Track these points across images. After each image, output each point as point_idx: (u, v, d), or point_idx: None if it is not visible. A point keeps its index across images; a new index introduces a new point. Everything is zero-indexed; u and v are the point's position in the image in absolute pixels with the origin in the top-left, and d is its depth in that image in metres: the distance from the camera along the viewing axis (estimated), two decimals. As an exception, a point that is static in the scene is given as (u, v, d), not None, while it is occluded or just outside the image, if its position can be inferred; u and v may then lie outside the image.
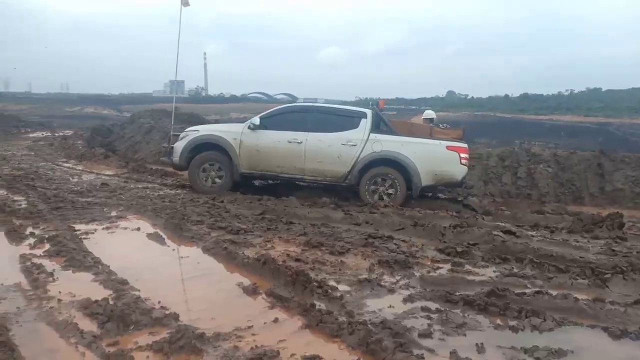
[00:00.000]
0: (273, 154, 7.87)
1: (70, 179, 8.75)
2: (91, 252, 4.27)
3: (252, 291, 3.55)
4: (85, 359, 2.54)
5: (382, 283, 3.80)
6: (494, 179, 10.24)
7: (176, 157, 8.18)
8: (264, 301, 3.41)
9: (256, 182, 8.89)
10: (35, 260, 3.99)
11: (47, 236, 4.68)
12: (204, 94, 74.10)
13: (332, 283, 3.75)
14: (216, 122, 24.89)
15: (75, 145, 14.86)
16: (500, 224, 6.12)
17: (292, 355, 2.64)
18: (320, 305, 3.25)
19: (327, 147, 7.76)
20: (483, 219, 6.42)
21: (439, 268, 4.29)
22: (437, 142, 7.90)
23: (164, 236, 5.01)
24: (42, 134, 20.08)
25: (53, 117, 34.53)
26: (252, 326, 2.98)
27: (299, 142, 7.77)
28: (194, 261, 4.35)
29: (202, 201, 6.90)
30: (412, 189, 7.59)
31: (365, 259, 4.43)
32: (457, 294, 3.53)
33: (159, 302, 3.26)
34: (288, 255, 4.44)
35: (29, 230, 4.92)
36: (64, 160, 12.32)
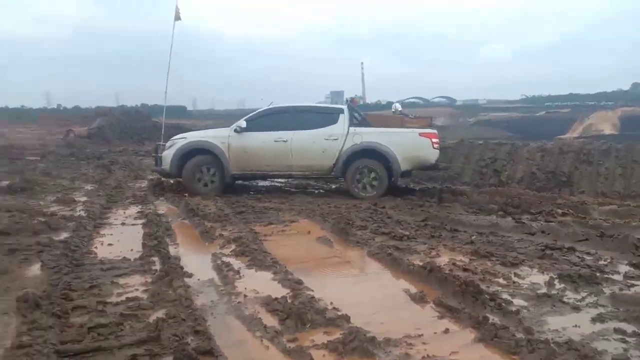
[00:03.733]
0: (261, 154, 8.33)
1: (249, 185, 9.69)
2: (269, 253, 4.66)
3: (419, 299, 3.52)
4: (269, 352, 2.77)
5: (565, 299, 3.47)
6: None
7: (166, 165, 8.47)
8: (432, 310, 3.35)
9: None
10: (224, 259, 4.48)
11: (230, 236, 5.23)
12: (361, 102, 75.85)
13: (505, 296, 3.53)
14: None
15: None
16: None
17: (467, 369, 2.55)
18: (494, 319, 3.08)
19: (311, 143, 8.30)
20: (690, 230, 5.46)
21: (633, 285, 3.76)
22: (410, 130, 8.68)
23: (331, 240, 5.24)
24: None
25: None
26: (422, 334, 2.95)
27: (284, 141, 8.27)
28: (360, 265, 4.47)
29: (364, 207, 7.07)
30: (393, 175, 8.31)
31: (542, 272, 4.09)
32: (660, 317, 3.06)
33: (331, 303, 3.41)
34: (454, 264, 4.31)
35: (219, 232, 5.54)
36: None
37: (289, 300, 3.39)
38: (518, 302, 3.45)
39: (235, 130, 8.36)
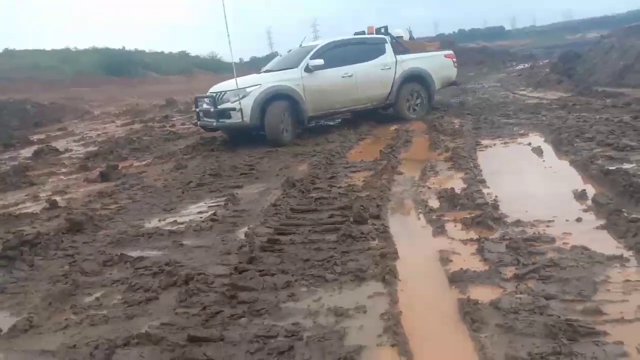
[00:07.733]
0: (333, 92, 8.29)
1: (510, 105, 9.87)
2: (475, 159, 5.37)
3: (579, 196, 3.79)
4: (418, 221, 3.75)
5: None
6: None
7: (246, 117, 7.53)
8: (583, 205, 3.62)
9: None
10: (433, 163, 5.45)
11: (452, 146, 6.07)
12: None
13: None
14: None
15: (539, 74, 15.69)
16: None
17: (565, 243, 2.97)
18: (634, 215, 3.22)
19: (372, 75, 8.73)
20: None
21: None
22: (438, 53, 9.85)
23: (544, 150, 5.48)
24: (524, 66, 21.86)
25: (556, 47, 33.65)
26: (553, 220, 3.37)
27: (350, 75, 8.43)
28: (553, 171, 4.73)
29: (616, 120, 6.64)
30: (431, 96, 9.37)
31: None
32: None
33: (496, 196, 4.05)
34: (656, 172, 4.14)
35: (445, 143, 6.43)
36: (523, 88, 13.52)
37: (457, 191, 4.19)
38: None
39: (307, 70, 8.03)
